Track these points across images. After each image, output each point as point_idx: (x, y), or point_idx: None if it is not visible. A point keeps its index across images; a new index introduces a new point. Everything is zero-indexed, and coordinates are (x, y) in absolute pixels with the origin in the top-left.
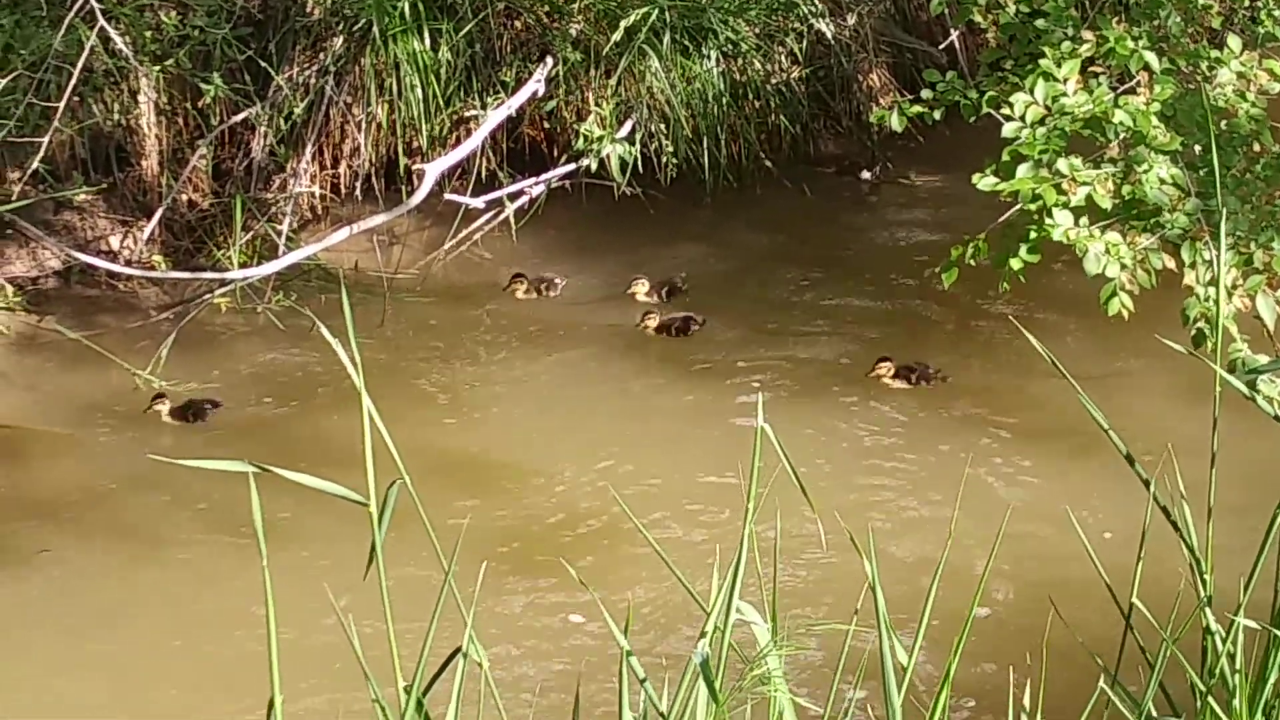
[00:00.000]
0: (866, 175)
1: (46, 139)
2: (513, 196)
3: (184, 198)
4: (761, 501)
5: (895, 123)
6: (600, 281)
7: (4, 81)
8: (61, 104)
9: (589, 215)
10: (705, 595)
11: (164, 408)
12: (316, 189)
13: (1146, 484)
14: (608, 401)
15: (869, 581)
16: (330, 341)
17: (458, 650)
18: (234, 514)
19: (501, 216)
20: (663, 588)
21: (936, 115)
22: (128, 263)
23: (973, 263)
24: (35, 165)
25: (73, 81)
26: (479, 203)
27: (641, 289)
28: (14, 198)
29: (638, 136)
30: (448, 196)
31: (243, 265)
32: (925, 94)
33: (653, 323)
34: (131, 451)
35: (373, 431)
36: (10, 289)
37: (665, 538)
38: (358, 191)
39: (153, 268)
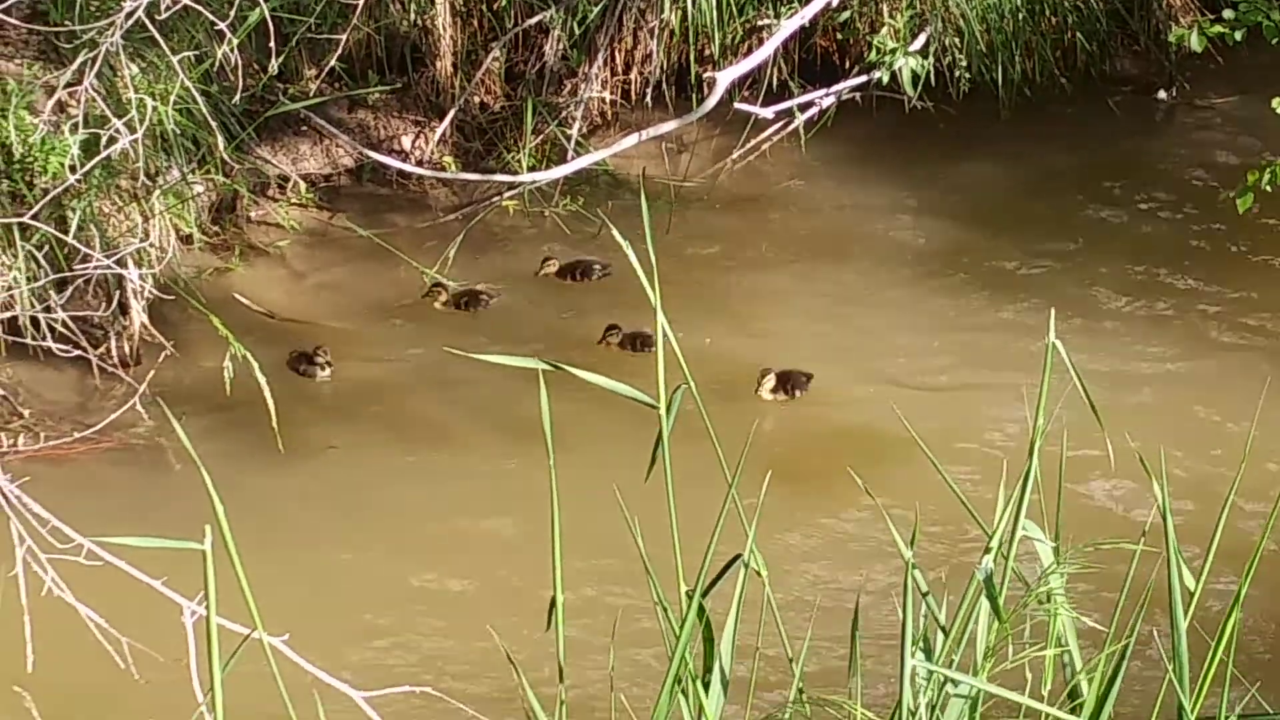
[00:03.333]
0: (1163, 96)
1: (344, 37)
2: (803, 107)
3: (476, 100)
4: (1050, 419)
5: (1195, 43)
6: (885, 197)
7: None
8: (360, 3)
9: (879, 128)
10: (989, 511)
11: (442, 297)
12: (607, 94)
13: None
14: (890, 314)
15: (1158, 504)
16: (621, 243)
17: (738, 557)
18: (517, 411)
19: (791, 127)
20: (944, 502)
21: (1238, 36)
22: (419, 163)
23: (1269, 189)
24: (332, 63)
25: None
26: (768, 113)
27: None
28: (311, 95)
29: (931, 50)
30: (737, 106)
31: (532, 169)
32: (1227, 14)
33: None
34: (419, 347)
35: (661, 336)
36: (303, 185)
37: (948, 451)
38: (648, 98)
39: (443, 168)
